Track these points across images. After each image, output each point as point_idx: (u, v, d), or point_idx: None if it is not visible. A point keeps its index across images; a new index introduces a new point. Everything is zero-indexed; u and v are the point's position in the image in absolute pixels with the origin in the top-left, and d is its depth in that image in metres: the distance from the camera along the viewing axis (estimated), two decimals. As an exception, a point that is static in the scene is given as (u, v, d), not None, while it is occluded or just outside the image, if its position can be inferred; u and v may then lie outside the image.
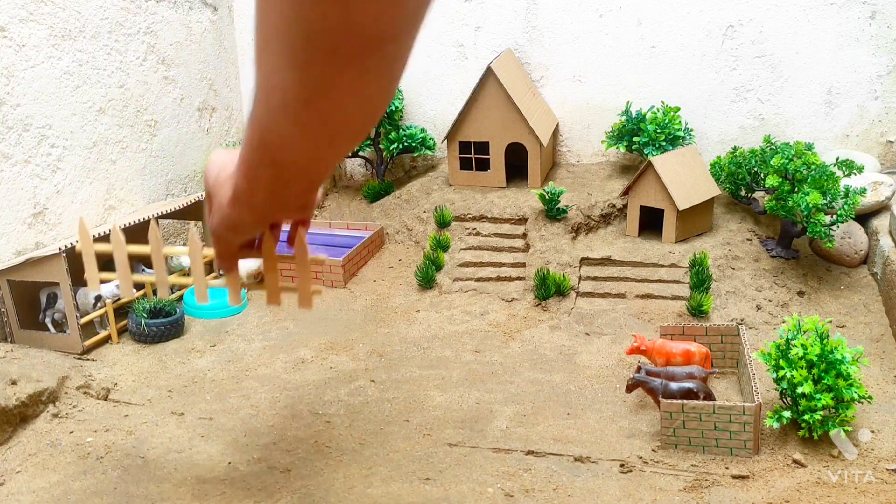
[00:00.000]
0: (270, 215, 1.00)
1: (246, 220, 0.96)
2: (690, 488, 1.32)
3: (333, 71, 0.56)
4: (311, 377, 1.75)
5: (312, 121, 0.66)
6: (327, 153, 0.81)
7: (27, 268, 1.80)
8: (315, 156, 0.80)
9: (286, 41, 0.55)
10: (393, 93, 0.61)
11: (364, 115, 0.66)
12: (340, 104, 0.62)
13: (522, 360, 1.82)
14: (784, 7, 2.40)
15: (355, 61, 0.55)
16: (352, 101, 0.61)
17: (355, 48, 0.53)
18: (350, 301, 2.17)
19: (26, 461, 1.43)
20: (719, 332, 1.69)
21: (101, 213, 2.16)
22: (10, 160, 1.86)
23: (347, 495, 1.32)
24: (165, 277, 1.27)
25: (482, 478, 1.37)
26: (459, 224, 2.39)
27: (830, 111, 2.46)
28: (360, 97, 0.61)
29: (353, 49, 0.53)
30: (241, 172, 0.87)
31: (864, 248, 2.12)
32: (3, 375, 1.56)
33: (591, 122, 2.67)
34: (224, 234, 1.04)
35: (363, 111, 0.64)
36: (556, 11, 2.59)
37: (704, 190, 2.18)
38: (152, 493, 1.33)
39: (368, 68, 0.56)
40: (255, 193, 0.87)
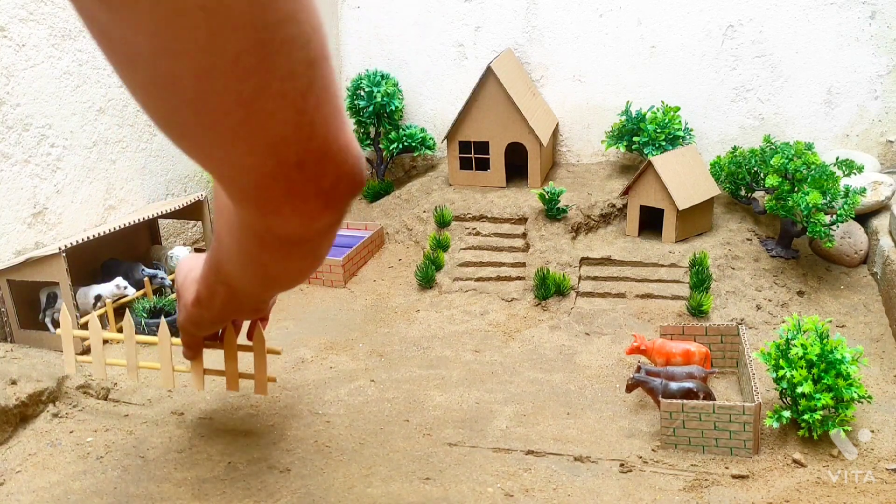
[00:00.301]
0: (228, 317, 1.21)
1: (206, 318, 1.16)
2: (690, 488, 1.32)
3: (265, 253, 0.73)
4: (311, 377, 1.75)
5: (254, 275, 0.86)
6: (269, 293, 1.11)
7: (27, 268, 1.80)
8: (259, 292, 1.06)
9: (233, 229, 0.74)
10: (316, 265, 0.79)
11: (292, 277, 0.84)
12: (273, 270, 0.80)
13: (522, 359, 1.82)
14: (784, 7, 2.40)
15: (278, 250, 0.71)
16: (281, 269, 0.78)
17: (277, 243, 0.69)
18: (350, 301, 2.17)
19: (26, 461, 1.43)
20: (719, 331, 1.69)
21: (101, 213, 2.16)
22: (10, 160, 1.86)
23: (347, 495, 1.32)
24: (136, 363, 1.46)
25: (482, 477, 1.37)
26: (459, 224, 2.39)
27: (830, 111, 2.46)
28: (285, 267, 0.77)
29: (275, 243, 0.69)
30: (203, 283, 1.07)
31: (864, 247, 2.12)
32: (3, 375, 1.56)
33: (591, 122, 2.67)
34: (189, 329, 1.27)
35: (291, 276, 0.82)
36: (556, 11, 2.59)
37: (704, 190, 2.18)
38: (152, 493, 1.33)
39: (290, 254, 0.72)
40: (213, 300, 1.07)
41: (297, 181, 0.58)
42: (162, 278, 2.07)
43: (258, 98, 0.51)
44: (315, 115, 0.55)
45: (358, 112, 2.69)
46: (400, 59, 2.80)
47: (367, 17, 2.80)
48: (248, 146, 0.54)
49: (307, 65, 0.52)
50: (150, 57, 0.48)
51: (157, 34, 0.46)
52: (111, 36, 0.49)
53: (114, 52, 0.51)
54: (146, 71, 0.50)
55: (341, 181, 0.61)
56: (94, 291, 1.92)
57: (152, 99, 0.54)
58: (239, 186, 0.61)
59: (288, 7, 0.49)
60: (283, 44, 0.49)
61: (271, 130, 0.54)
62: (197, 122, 0.53)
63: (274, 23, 0.48)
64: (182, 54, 0.47)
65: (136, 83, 0.53)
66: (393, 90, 2.66)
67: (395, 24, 2.77)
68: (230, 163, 0.57)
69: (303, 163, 0.57)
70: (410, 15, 2.75)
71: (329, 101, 0.56)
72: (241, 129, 0.53)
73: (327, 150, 0.58)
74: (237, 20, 0.47)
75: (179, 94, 0.50)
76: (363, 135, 2.73)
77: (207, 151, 0.57)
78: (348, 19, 2.82)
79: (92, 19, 0.49)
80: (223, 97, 0.50)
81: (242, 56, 0.48)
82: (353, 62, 2.87)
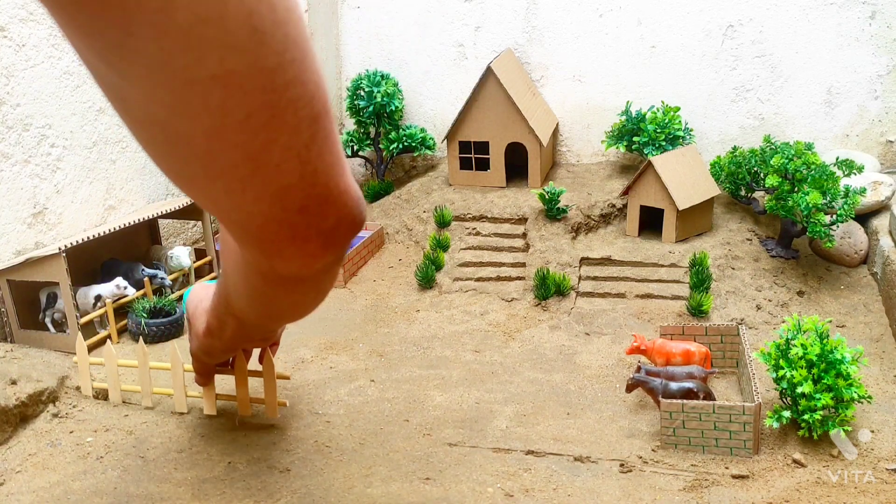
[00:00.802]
0: (238, 346, 1.27)
1: (217, 348, 1.22)
2: (690, 488, 1.32)
3: (269, 289, 0.78)
4: (311, 377, 1.75)
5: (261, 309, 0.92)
6: (276, 325, 1.19)
7: (27, 268, 1.80)
8: (267, 324, 1.13)
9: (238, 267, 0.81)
10: (320, 300, 0.84)
11: (297, 310, 0.90)
12: (279, 305, 0.86)
13: (522, 359, 1.82)
14: (784, 7, 2.40)
15: (282, 286, 0.75)
16: (286, 304, 0.84)
17: (280, 281, 0.73)
18: (350, 301, 2.17)
19: (26, 461, 1.43)
20: (719, 331, 1.69)
21: (101, 213, 2.16)
22: (10, 160, 1.86)
23: (347, 495, 1.32)
24: (150, 389, 1.58)
25: (482, 477, 1.37)
26: (459, 224, 2.39)
27: (830, 111, 2.46)
28: (291, 301, 0.82)
29: (279, 281, 0.73)
30: (213, 314, 1.13)
31: (864, 247, 2.12)
32: (3, 375, 1.56)
33: (591, 122, 2.67)
34: (201, 357, 1.35)
35: (296, 309, 0.88)
36: (556, 11, 2.59)
37: (704, 190, 2.18)
38: (152, 493, 1.33)
39: (294, 290, 0.76)
40: (223, 331, 1.13)
41: (300, 225, 0.61)
42: (162, 278, 2.07)
43: (265, 152, 0.54)
44: (318, 164, 0.58)
45: (358, 112, 2.69)
46: (400, 59, 2.80)
47: (367, 17, 2.80)
48: (255, 194, 0.57)
49: (311, 120, 0.55)
50: (164, 118, 0.50)
51: (171, 100, 0.48)
52: (126, 99, 0.51)
53: (128, 113, 0.53)
54: (159, 130, 0.52)
55: (341, 223, 0.64)
56: (94, 291, 1.92)
57: (164, 154, 0.56)
58: (244, 230, 0.64)
59: (294, 70, 0.52)
60: (289, 103, 0.52)
61: (277, 180, 0.56)
62: (206, 174, 0.55)
63: (281, 85, 0.51)
64: (194, 116, 0.49)
65: (148, 139, 0.55)
66: (393, 90, 2.66)
67: (395, 24, 2.77)
68: (237, 209, 0.60)
69: (305, 208, 0.60)
70: (410, 15, 2.75)
71: (330, 149, 0.59)
72: (249, 180, 0.56)
73: (328, 195, 0.61)
74: (247, 86, 0.49)
75: (191, 150, 0.53)
76: (363, 135, 2.73)
77: (215, 199, 0.59)
78: (348, 19, 2.82)
79: (108, 85, 0.51)
80: (233, 152, 0.53)
81: (252, 116, 0.51)
82: (353, 62, 2.87)
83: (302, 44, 0.53)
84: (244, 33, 0.47)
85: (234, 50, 0.47)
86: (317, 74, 0.55)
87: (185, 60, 0.46)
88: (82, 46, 0.48)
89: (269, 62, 0.49)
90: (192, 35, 0.45)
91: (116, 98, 0.52)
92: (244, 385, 1.51)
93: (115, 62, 0.47)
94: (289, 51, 0.51)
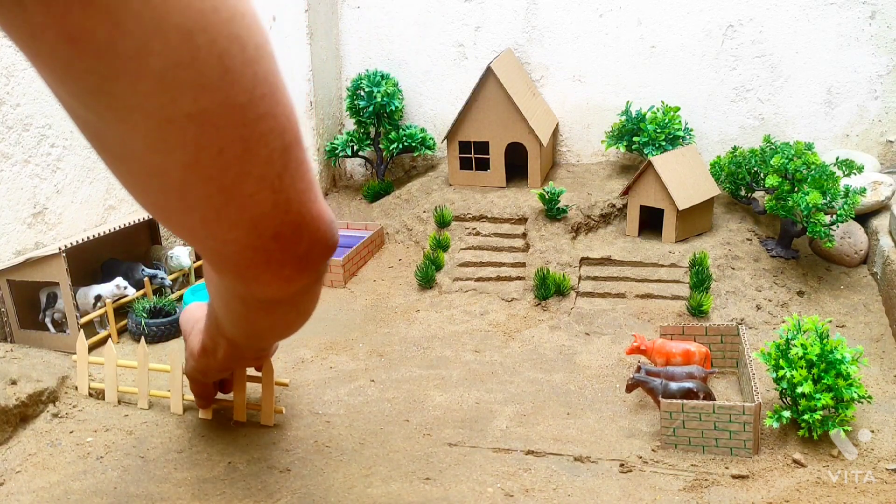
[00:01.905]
0: (232, 365, 1.31)
1: (213, 367, 1.26)
2: (690, 488, 1.32)
3: (250, 312, 0.82)
4: (311, 377, 1.75)
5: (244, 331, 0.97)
6: (264, 344, 1.21)
7: (27, 268, 1.80)
8: (255, 344, 1.17)
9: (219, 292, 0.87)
10: (304, 320, 0.87)
11: (280, 331, 0.94)
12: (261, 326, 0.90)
13: (522, 359, 1.82)
14: (784, 7, 2.40)
15: (261, 309, 0.79)
16: (269, 324, 0.87)
17: (259, 304, 0.77)
18: (350, 301, 2.17)
19: (26, 461, 1.44)
20: (719, 331, 1.69)
21: (101, 213, 2.16)
22: (10, 160, 1.86)
23: (347, 495, 1.32)
24: (147, 391, 1.60)
25: (482, 477, 1.37)
26: (459, 224, 2.39)
27: (830, 111, 2.46)
28: (272, 322, 0.86)
29: (257, 304, 0.77)
30: (207, 335, 1.17)
31: (863, 247, 2.12)
32: (3, 375, 1.56)
33: (591, 122, 2.67)
34: (197, 377, 1.39)
35: (279, 330, 0.93)
36: (556, 11, 2.59)
37: (704, 190, 2.18)
38: (152, 493, 1.33)
39: (274, 311, 0.80)
40: (217, 352, 1.16)
41: (275, 251, 0.64)
42: (162, 278, 2.07)
43: (239, 183, 0.56)
44: (290, 192, 0.60)
45: (358, 112, 2.69)
46: (400, 59, 2.80)
47: (367, 17, 2.80)
48: (229, 224, 0.59)
49: (283, 151, 0.57)
50: (141, 155, 0.52)
51: (147, 138, 0.50)
52: (103, 137, 0.52)
53: (104, 150, 0.54)
54: (136, 165, 0.54)
55: (315, 247, 0.67)
56: (94, 291, 1.92)
57: (141, 187, 0.57)
58: (221, 258, 0.66)
59: (265, 105, 0.53)
60: (261, 136, 0.54)
61: (250, 209, 0.58)
62: (182, 206, 0.57)
63: (253, 120, 0.53)
64: (170, 152, 0.51)
65: (125, 174, 0.56)
66: (393, 90, 2.66)
67: (395, 24, 2.77)
68: (212, 237, 0.61)
69: (279, 234, 0.62)
70: (410, 15, 2.75)
71: (302, 177, 0.61)
72: (223, 210, 0.57)
73: (301, 222, 0.63)
74: (220, 122, 0.51)
75: (167, 183, 0.54)
76: (363, 135, 2.73)
77: (191, 229, 0.61)
78: (348, 19, 2.82)
79: (85, 123, 0.52)
80: (207, 185, 0.55)
81: (225, 150, 0.52)
82: (353, 62, 2.87)
83: (272, 79, 0.54)
84: (216, 74, 0.49)
85: (207, 90, 0.49)
86: (287, 107, 0.57)
87: (160, 101, 0.48)
88: (59, 90, 0.49)
89: (240, 99, 0.51)
90: (167, 78, 0.47)
91: (93, 136, 0.53)
92: (242, 391, 1.52)
93: (91, 105, 0.48)
94: (258, 87, 0.52)
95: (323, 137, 2.78)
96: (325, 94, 2.78)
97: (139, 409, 1.61)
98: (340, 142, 2.71)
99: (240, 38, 0.50)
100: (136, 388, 1.61)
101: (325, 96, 2.78)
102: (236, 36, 0.50)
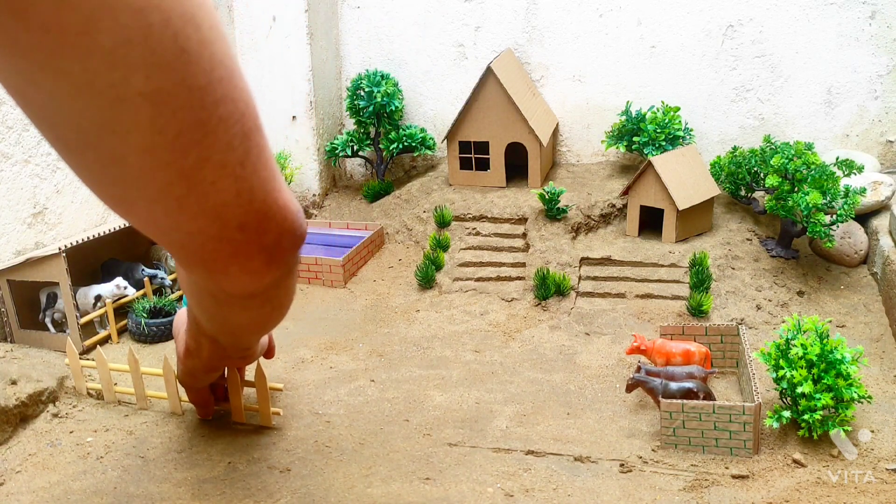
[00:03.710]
0: (217, 365, 1.30)
1: (199, 368, 1.26)
2: (690, 488, 1.32)
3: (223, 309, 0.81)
4: (311, 377, 1.75)
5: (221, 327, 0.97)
6: (244, 341, 1.18)
7: (27, 268, 1.80)
8: (235, 342, 1.15)
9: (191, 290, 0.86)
10: (281, 314, 0.87)
11: (257, 326, 0.93)
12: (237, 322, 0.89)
13: (522, 359, 1.82)
14: (784, 7, 2.40)
15: (233, 305, 0.78)
16: (244, 320, 0.87)
17: (230, 299, 0.76)
18: (350, 301, 2.17)
19: (26, 461, 1.44)
20: (719, 331, 1.69)
21: (100, 213, 2.16)
22: (10, 160, 1.86)
23: (347, 495, 1.32)
24: (143, 392, 1.60)
25: (482, 477, 1.37)
26: (459, 224, 2.39)
27: (830, 111, 2.46)
28: (248, 318, 0.85)
29: (229, 300, 0.76)
30: (190, 335, 1.17)
31: (863, 247, 2.12)
32: (3, 375, 1.57)
33: (591, 122, 2.67)
34: (187, 381, 1.38)
35: (256, 325, 0.92)
36: (556, 11, 2.59)
37: (704, 190, 2.18)
38: (152, 493, 1.33)
39: (247, 306, 0.79)
40: (200, 352, 1.17)
41: (241, 241, 0.62)
42: (162, 278, 2.07)
43: (200, 170, 0.55)
44: (253, 181, 0.59)
45: (358, 112, 2.69)
46: (400, 59, 2.80)
47: (367, 17, 2.80)
48: (192, 213, 0.58)
49: (243, 137, 0.56)
50: (95, 139, 0.51)
51: (101, 118, 0.49)
52: (57, 123, 0.51)
53: (60, 139, 0.53)
54: (92, 152, 0.52)
55: (283, 238, 0.65)
56: (94, 291, 1.92)
57: (99, 178, 0.56)
58: (187, 252, 0.65)
59: (223, 88, 0.53)
60: (220, 121, 0.53)
61: (213, 197, 0.57)
62: (143, 195, 0.56)
63: (211, 103, 0.52)
64: (125, 134, 0.50)
65: (84, 165, 0.55)
66: (393, 90, 2.66)
67: (395, 24, 2.77)
68: (176, 229, 0.60)
69: (245, 224, 0.61)
70: (410, 15, 2.75)
71: (265, 166, 0.60)
72: (185, 199, 0.56)
73: (267, 211, 0.62)
74: (176, 104, 0.50)
75: (125, 171, 0.53)
76: (363, 135, 2.73)
77: (154, 221, 0.60)
78: (348, 19, 2.82)
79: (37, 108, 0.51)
80: (167, 171, 0.54)
81: (183, 134, 0.51)
82: (353, 62, 2.87)
83: (228, 62, 0.53)
84: (170, 53, 0.48)
85: (161, 69, 0.48)
86: (245, 92, 0.56)
87: (110, 79, 0.47)
88: (7, 68, 0.48)
89: (197, 81, 0.50)
90: (117, 55, 0.46)
91: (48, 124, 0.52)
92: (238, 395, 1.53)
93: (41, 81, 0.47)
94: (216, 69, 0.52)
95: (323, 137, 2.78)
96: (325, 94, 2.78)
97: (139, 410, 1.61)
98: (340, 142, 2.71)
99: (195, 17, 0.49)
100: (132, 389, 1.61)
101: (325, 96, 2.78)
102: (191, 15, 0.49)
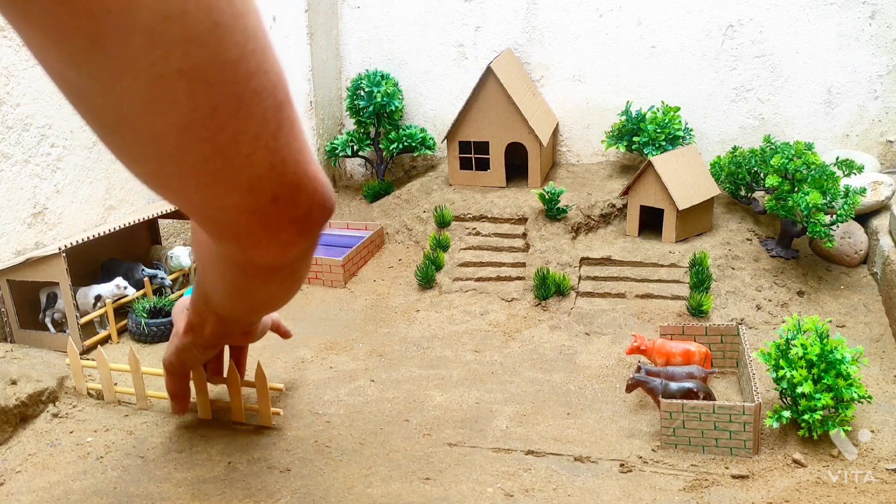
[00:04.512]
0: (217, 342, 1.27)
1: (198, 344, 1.23)
2: (690, 488, 1.32)
3: (248, 282, 0.81)
4: (311, 377, 1.75)
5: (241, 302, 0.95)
6: (256, 317, 1.18)
7: (27, 268, 1.80)
8: (247, 317, 1.16)
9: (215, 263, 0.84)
10: (296, 289, 0.87)
11: (276, 300, 0.92)
12: (258, 297, 0.89)
13: (522, 360, 1.82)
14: (784, 7, 2.40)
15: (260, 277, 0.78)
16: (265, 294, 0.86)
17: (258, 272, 0.76)
18: (350, 301, 2.17)
19: (26, 461, 1.44)
20: (719, 331, 1.69)
21: (101, 213, 2.16)
22: (10, 160, 1.86)
23: (347, 495, 1.32)
24: (143, 391, 1.60)
25: (482, 477, 1.37)
26: (459, 224, 2.39)
27: (830, 111, 2.46)
28: (270, 292, 0.85)
29: (256, 272, 0.76)
30: (193, 311, 1.16)
31: (863, 247, 2.12)
32: (3, 375, 1.57)
33: (591, 122, 2.67)
34: (175, 362, 1.33)
35: (275, 299, 0.91)
36: (556, 11, 2.59)
37: (704, 190, 2.18)
38: (152, 493, 1.33)
39: (272, 280, 0.79)
40: (203, 328, 1.16)
41: (273, 214, 0.63)
42: (162, 278, 2.07)
43: (235, 144, 0.55)
44: (286, 153, 0.59)
45: (358, 112, 2.69)
46: (400, 59, 2.80)
47: (367, 17, 2.80)
48: (226, 187, 0.59)
49: (276, 109, 0.56)
50: (134, 118, 0.51)
51: (140, 98, 0.50)
52: (96, 105, 0.52)
53: (98, 119, 0.54)
54: (130, 131, 0.53)
55: (313, 209, 0.66)
56: (94, 291, 1.92)
57: (136, 156, 0.57)
58: (219, 225, 0.65)
59: (255, 60, 0.53)
60: (254, 93, 0.54)
61: (247, 171, 0.58)
62: (178, 171, 0.57)
63: (244, 76, 0.52)
64: (163, 112, 0.51)
65: (120, 143, 0.56)
66: (393, 90, 2.66)
67: (395, 24, 2.77)
68: (209, 204, 0.61)
69: (277, 197, 0.61)
70: (410, 15, 2.75)
71: (296, 138, 0.60)
72: (220, 173, 0.57)
73: (298, 183, 0.62)
74: (212, 78, 0.50)
75: (162, 148, 0.54)
76: (363, 135, 2.73)
77: (188, 196, 0.61)
78: (348, 19, 2.82)
79: (77, 92, 0.51)
80: (203, 146, 0.54)
81: (219, 108, 0.52)
82: (353, 62, 2.87)
83: (261, 35, 0.54)
84: (205, 27, 0.48)
85: (197, 44, 0.49)
86: (277, 64, 0.57)
87: (151, 57, 0.47)
88: (50, 55, 0.49)
89: (231, 54, 0.51)
90: (157, 32, 0.47)
91: (87, 105, 0.53)
92: (237, 395, 1.53)
93: (84, 65, 0.48)
94: (249, 42, 0.52)
95: (323, 137, 2.78)
96: (325, 94, 2.78)
97: (139, 410, 1.61)
98: (340, 142, 2.71)
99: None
100: (132, 390, 1.61)
101: (325, 96, 2.78)
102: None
